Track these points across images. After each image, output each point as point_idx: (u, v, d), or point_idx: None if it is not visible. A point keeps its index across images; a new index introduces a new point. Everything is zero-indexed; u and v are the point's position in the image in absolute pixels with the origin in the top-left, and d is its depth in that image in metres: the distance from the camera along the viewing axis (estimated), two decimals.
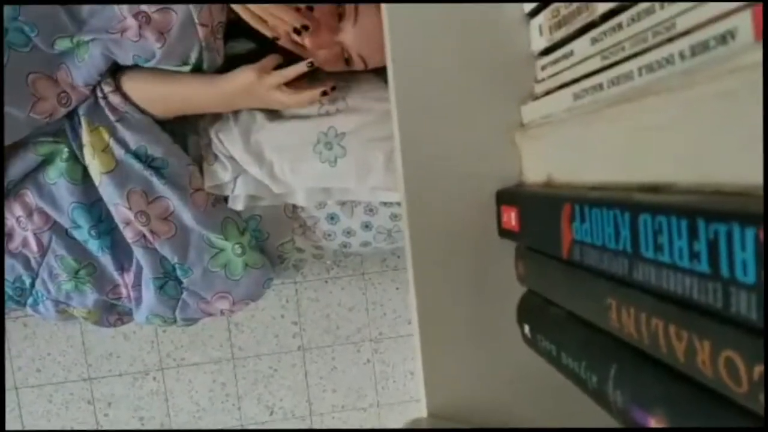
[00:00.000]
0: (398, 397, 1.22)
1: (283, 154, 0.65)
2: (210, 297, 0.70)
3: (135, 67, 0.63)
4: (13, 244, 0.68)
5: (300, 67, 0.60)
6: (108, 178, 0.64)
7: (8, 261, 0.68)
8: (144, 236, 0.66)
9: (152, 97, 0.64)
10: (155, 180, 0.64)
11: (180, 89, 0.63)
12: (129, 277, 0.70)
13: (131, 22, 0.56)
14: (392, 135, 0.37)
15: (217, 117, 0.68)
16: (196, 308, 0.71)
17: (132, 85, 0.63)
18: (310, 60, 0.60)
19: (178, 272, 0.69)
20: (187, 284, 0.69)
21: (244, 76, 0.60)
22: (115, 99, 0.63)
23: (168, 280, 0.69)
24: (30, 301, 0.72)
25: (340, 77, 0.66)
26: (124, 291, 0.72)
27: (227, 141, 0.66)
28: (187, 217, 0.66)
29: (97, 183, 0.65)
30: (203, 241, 0.67)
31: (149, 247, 0.67)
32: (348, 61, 0.62)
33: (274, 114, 0.66)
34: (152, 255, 0.67)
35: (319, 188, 0.68)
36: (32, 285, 0.70)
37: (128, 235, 0.66)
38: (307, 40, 0.58)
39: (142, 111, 0.64)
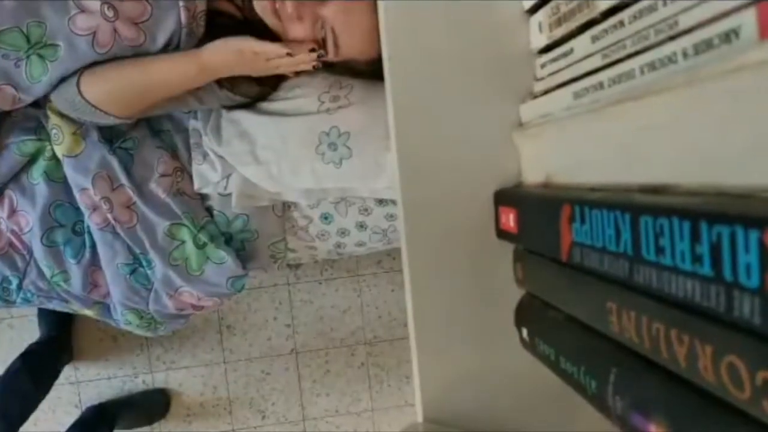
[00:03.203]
0: (393, 402, 1.22)
1: (281, 154, 0.64)
2: (173, 291, 0.70)
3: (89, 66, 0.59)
4: None
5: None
6: (73, 162, 0.63)
7: None
8: (110, 223, 0.66)
9: (114, 88, 0.58)
10: (119, 167, 0.64)
11: (151, 69, 0.58)
12: (101, 279, 0.69)
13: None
14: None
15: (207, 115, 0.67)
16: (167, 301, 0.70)
17: (90, 83, 0.58)
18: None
19: (143, 263, 0.68)
20: (151, 276, 0.69)
21: (238, 42, 0.57)
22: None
23: (137, 267, 0.68)
24: (19, 300, 0.71)
25: (342, 78, 0.65)
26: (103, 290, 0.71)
27: (219, 139, 0.66)
28: (148, 205, 0.65)
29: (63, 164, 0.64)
30: (164, 232, 0.66)
31: (117, 233, 0.66)
32: (323, 41, 0.59)
33: (269, 112, 0.66)
34: (121, 240, 0.67)
35: (318, 188, 0.67)
36: (19, 286, 0.69)
37: (95, 221, 0.65)
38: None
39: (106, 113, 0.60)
